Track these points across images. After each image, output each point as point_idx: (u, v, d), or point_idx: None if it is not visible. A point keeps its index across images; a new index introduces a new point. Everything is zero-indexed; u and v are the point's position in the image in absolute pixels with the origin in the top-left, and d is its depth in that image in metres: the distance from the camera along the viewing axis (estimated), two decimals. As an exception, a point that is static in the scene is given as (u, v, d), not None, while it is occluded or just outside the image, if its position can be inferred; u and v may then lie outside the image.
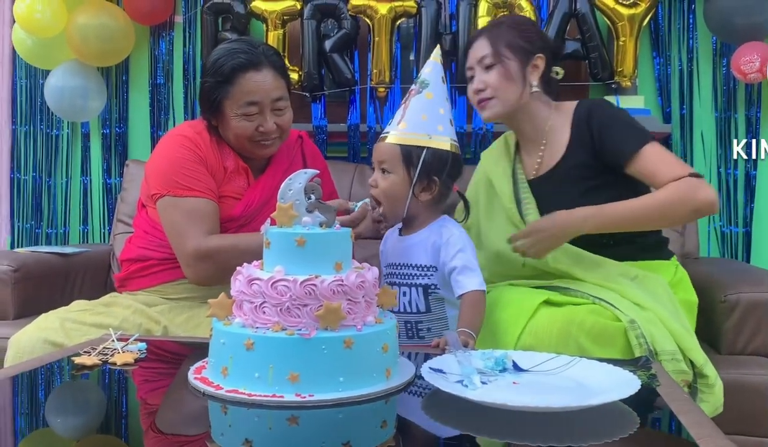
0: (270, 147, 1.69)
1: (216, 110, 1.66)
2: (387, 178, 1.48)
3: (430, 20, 2.51)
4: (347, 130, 2.64)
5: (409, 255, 1.51)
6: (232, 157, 1.71)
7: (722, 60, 2.53)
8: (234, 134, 1.66)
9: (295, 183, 1.14)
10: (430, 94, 1.48)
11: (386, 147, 1.48)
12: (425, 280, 1.49)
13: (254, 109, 1.63)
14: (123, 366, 1.23)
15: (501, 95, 1.65)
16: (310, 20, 2.55)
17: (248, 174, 1.73)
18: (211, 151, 1.68)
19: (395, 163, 1.47)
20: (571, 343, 1.40)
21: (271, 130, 1.65)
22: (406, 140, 1.46)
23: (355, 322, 1.06)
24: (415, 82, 1.51)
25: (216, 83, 1.63)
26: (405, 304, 1.50)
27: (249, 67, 1.62)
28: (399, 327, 1.47)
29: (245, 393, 1.01)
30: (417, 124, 1.47)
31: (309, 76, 2.56)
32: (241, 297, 1.08)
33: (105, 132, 2.88)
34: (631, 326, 1.43)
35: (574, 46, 2.46)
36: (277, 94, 1.65)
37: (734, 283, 1.83)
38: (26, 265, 2.17)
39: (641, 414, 1.00)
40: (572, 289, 1.55)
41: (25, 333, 1.54)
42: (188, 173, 1.64)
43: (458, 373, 1.07)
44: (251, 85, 1.62)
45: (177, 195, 1.63)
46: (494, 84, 1.65)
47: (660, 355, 1.41)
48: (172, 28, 2.82)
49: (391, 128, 1.50)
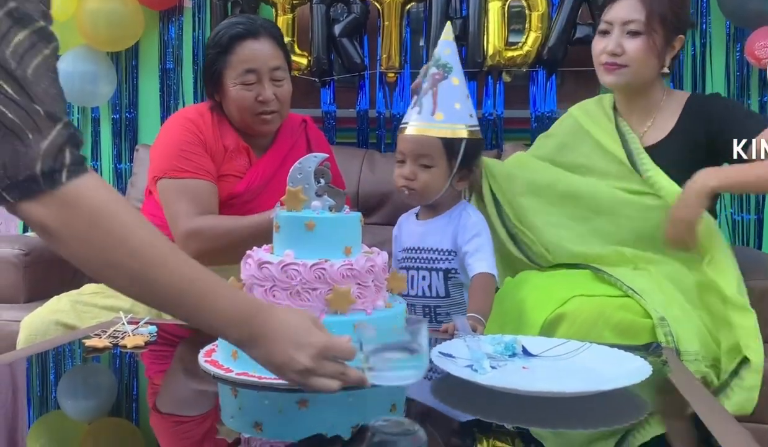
0: (270, 123, 1.71)
1: (217, 83, 1.69)
2: (428, 171, 1.46)
3: (440, 4, 2.49)
4: (356, 115, 2.63)
5: (430, 239, 1.51)
6: (232, 137, 1.72)
7: (736, 45, 2.50)
8: (235, 106, 1.68)
9: (305, 167, 1.14)
10: (456, 80, 1.47)
11: (427, 140, 1.45)
12: (446, 264, 1.49)
13: (252, 78, 1.65)
14: (133, 349, 1.23)
15: (637, 67, 1.58)
16: (320, 5, 2.54)
17: (249, 154, 1.74)
18: (211, 131, 1.70)
19: (438, 157, 1.46)
20: (595, 333, 1.37)
21: (269, 98, 1.66)
22: (446, 133, 1.45)
23: (364, 306, 1.07)
24: (435, 64, 1.48)
25: (216, 55, 1.67)
26: (424, 288, 1.49)
27: (247, 35, 1.66)
28: (416, 310, 1.49)
29: (255, 376, 1.01)
30: (453, 114, 1.45)
31: (318, 61, 2.55)
32: (251, 281, 1.08)
33: (115, 117, 2.88)
34: (661, 323, 1.40)
35: (585, 31, 2.43)
36: (275, 63, 1.68)
37: (746, 272, 1.81)
38: (37, 249, 2.18)
39: (651, 400, 1.00)
40: (606, 273, 1.51)
41: (37, 315, 1.56)
42: (184, 155, 1.65)
43: (468, 358, 1.07)
44: (248, 53, 1.65)
45: (173, 176, 1.64)
46: (634, 54, 1.57)
47: (683, 355, 1.37)
48: (182, 12, 2.81)
49: (423, 119, 1.46)
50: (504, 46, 2.47)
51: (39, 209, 0.80)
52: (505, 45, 2.47)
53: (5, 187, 0.79)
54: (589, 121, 1.72)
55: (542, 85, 2.49)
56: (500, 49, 2.46)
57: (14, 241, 2.23)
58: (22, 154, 0.78)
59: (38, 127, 0.78)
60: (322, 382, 0.87)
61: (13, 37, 0.77)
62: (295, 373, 0.87)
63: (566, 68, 2.50)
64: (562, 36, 2.42)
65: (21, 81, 0.77)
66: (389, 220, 2.42)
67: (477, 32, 2.47)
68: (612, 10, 1.61)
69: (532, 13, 2.43)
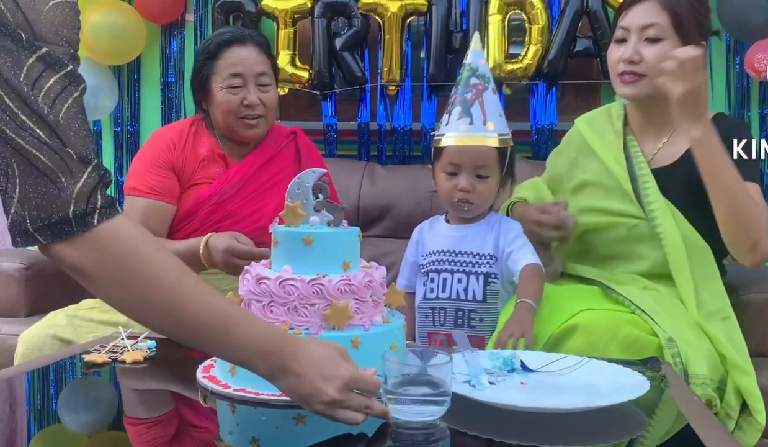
0: (255, 128, 1.73)
1: (204, 89, 1.73)
2: (485, 182, 1.49)
3: (441, 18, 2.50)
4: (357, 128, 2.64)
5: (469, 243, 1.53)
6: (207, 145, 1.76)
7: (736, 57, 2.51)
8: (221, 110, 1.71)
9: (303, 182, 1.14)
10: (494, 90, 1.50)
11: (486, 151, 1.47)
12: (486, 268, 1.50)
13: (238, 81, 1.69)
14: (133, 364, 1.23)
15: (655, 75, 1.43)
16: (321, 18, 2.55)
17: (226, 160, 1.77)
18: (184, 144, 1.74)
19: (493, 166, 1.49)
20: (601, 348, 1.34)
21: (254, 103, 1.70)
22: (496, 142, 1.47)
23: (362, 321, 1.07)
24: (475, 74, 1.48)
25: (204, 61, 1.73)
26: (459, 291, 1.50)
27: (233, 42, 1.72)
28: (447, 314, 1.49)
29: (253, 392, 1.01)
30: (501, 124, 1.49)
31: (319, 74, 2.56)
32: (249, 296, 1.09)
33: (117, 130, 2.89)
34: (669, 344, 1.36)
35: (585, 44, 2.44)
36: (261, 68, 1.72)
37: (747, 284, 1.81)
38: (38, 263, 2.18)
39: (649, 415, 1.00)
40: (615, 291, 1.48)
41: (34, 329, 1.56)
42: (145, 174, 1.71)
43: (466, 373, 1.07)
44: (235, 57, 1.70)
45: (131, 194, 1.71)
46: (654, 62, 1.44)
47: (691, 378, 1.34)
48: (184, 26, 2.83)
49: (476, 129, 1.46)
50: (504, 59, 2.47)
51: (72, 251, 0.82)
52: (505, 58, 2.48)
53: (38, 228, 0.81)
54: (595, 136, 1.64)
55: (542, 97, 2.50)
56: (500, 62, 2.46)
57: (15, 255, 2.23)
58: (55, 197, 0.80)
59: (70, 170, 0.80)
60: (348, 414, 0.89)
61: (45, 83, 0.79)
62: (322, 405, 0.88)
63: (566, 81, 2.51)
64: (562, 49, 2.43)
65: (53, 125, 0.79)
66: (390, 232, 2.43)
67: (477, 45, 2.47)
68: (629, 14, 1.51)
69: (532, 27, 2.44)
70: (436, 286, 1.52)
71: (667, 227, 1.50)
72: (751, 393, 1.40)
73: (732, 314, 1.51)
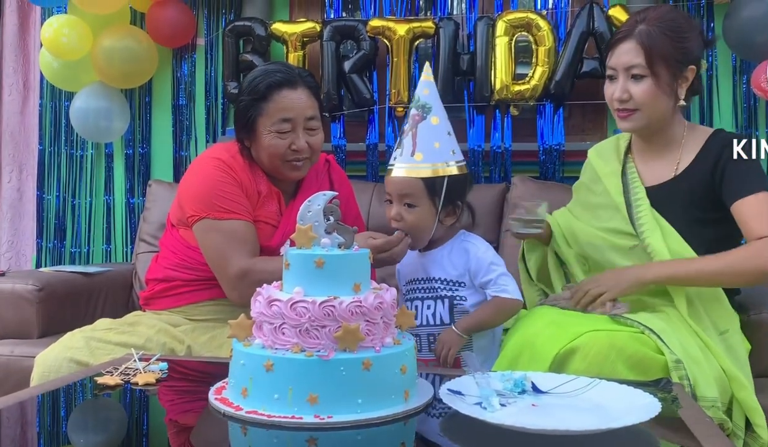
0: (301, 169, 1.71)
1: (250, 129, 1.68)
2: (412, 211, 1.50)
3: (448, 40, 2.52)
4: (366, 149, 2.65)
5: (432, 269, 1.54)
6: (264, 181, 1.72)
7: (742, 77, 2.52)
8: (267, 153, 1.67)
9: (314, 205, 1.16)
10: (435, 119, 1.49)
11: (407, 181, 1.49)
12: (450, 292, 1.52)
13: (288, 127, 1.65)
14: (145, 386, 1.24)
15: (647, 109, 1.56)
16: (330, 42, 2.58)
17: (280, 199, 1.74)
18: (245, 174, 1.70)
19: (420, 196, 1.49)
20: (608, 367, 1.35)
21: (303, 148, 1.67)
22: (427, 173, 1.48)
23: (373, 343, 1.07)
24: (414, 105, 1.51)
25: (251, 101, 1.66)
26: (428, 316, 1.53)
27: (285, 84, 1.66)
28: (421, 340, 1.52)
29: (265, 414, 1.02)
30: (432, 153, 1.49)
31: (328, 97, 2.58)
32: (260, 318, 1.09)
33: (128, 152, 2.92)
34: (676, 366, 1.37)
35: (592, 65, 2.45)
36: (311, 112, 1.68)
37: (757, 303, 1.81)
38: (50, 284, 2.20)
39: (662, 437, 0.99)
40: (622, 316, 1.49)
41: (51, 351, 1.57)
42: (226, 195, 1.65)
43: (477, 395, 1.07)
44: (286, 101, 1.65)
45: (216, 217, 1.64)
46: (642, 98, 1.55)
47: (700, 401, 1.34)
48: (194, 50, 2.87)
49: (404, 161, 1.50)
50: (511, 81, 2.49)
51: None
52: (512, 79, 2.50)
53: None
54: (602, 163, 1.72)
55: (550, 118, 2.51)
56: (508, 83, 2.48)
57: (27, 276, 2.25)
58: None
59: None
60: None
61: None
62: None
63: (573, 101, 2.52)
64: (569, 70, 2.44)
65: None
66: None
67: (485, 67, 2.50)
68: (613, 56, 1.60)
69: (539, 48, 2.46)
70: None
71: (655, 244, 1.54)
72: (749, 406, 1.40)
73: (732, 327, 1.53)
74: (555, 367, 1.34)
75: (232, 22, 2.72)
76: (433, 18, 2.59)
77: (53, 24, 2.59)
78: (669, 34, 1.55)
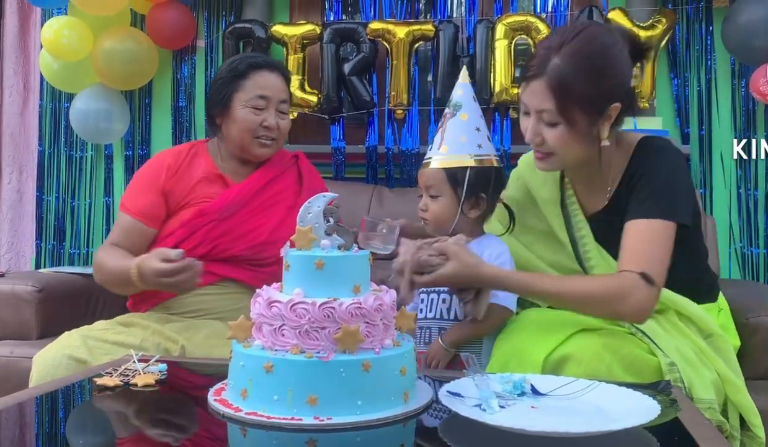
0: (267, 148, 1.79)
1: (224, 105, 1.77)
2: (436, 201, 1.54)
3: (448, 43, 2.53)
4: (365, 151, 2.66)
5: None
6: (204, 167, 1.81)
7: (741, 81, 2.52)
8: (239, 127, 1.76)
9: (314, 206, 1.16)
10: (464, 115, 1.53)
11: (431, 172, 1.54)
12: None
13: (263, 103, 1.76)
14: (144, 387, 1.24)
15: (563, 154, 1.41)
16: (330, 44, 2.59)
17: (225, 180, 1.81)
18: (182, 164, 1.79)
19: (442, 186, 1.53)
20: (603, 367, 1.32)
21: (273, 126, 1.77)
22: (449, 163, 1.52)
23: (373, 345, 1.07)
24: (448, 105, 1.56)
25: (230, 78, 1.77)
26: (443, 310, 1.55)
27: (264, 66, 1.79)
28: (431, 333, 1.54)
29: (264, 415, 1.02)
30: (457, 145, 1.52)
31: (328, 99, 2.59)
32: (260, 319, 1.09)
33: (128, 154, 2.93)
34: (670, 369, 1.34)
35: (591, 68, 2.46)
36: (284, 96, 1.80)
37: (754, 306, 1.81)
38: (50, 285, 2.20)
39: (661, 440, 1.00)
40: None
41: (48, 351, 1.57)
42: (134, 195, 1.79)
43: (476, 397, 1.07)
44: (264, 81, 1.77)
45: (121, 210, 1.81)
46: (555, 143, 1.39)
47: (696, 403, 1.31)
48: (194, 52, 2.88)
49: (433, 153, 1.55)
50: (511, 83, 2.50)
51: None
52: (511, 82, 2.50)
53: None
54: (537, 184, 1.60)
55: (549, 121, 2.52)
56: (507, 86, 2.49)
57: (27, 277, 2.25)
58: None
59: None
60: None
61: None
62: None
63: (573, 104, 2.53)
64: (568, 73, 2.45)
65: None
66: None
67: (484, 70, 2.50)
68: (525, 92, 1.41)
69: (539, 51, 2.47)
70: (425, 306, 1.58)
71: None
72: (745, 406, 1.39)
73: (716, 332, 1.48)
74: (551, 368, 1.33)
75: (233, 24, 2.73)
76: (433, 21, 2.60)
77: (53, 25, 2.60)
78: (585, 74, 1.34)
